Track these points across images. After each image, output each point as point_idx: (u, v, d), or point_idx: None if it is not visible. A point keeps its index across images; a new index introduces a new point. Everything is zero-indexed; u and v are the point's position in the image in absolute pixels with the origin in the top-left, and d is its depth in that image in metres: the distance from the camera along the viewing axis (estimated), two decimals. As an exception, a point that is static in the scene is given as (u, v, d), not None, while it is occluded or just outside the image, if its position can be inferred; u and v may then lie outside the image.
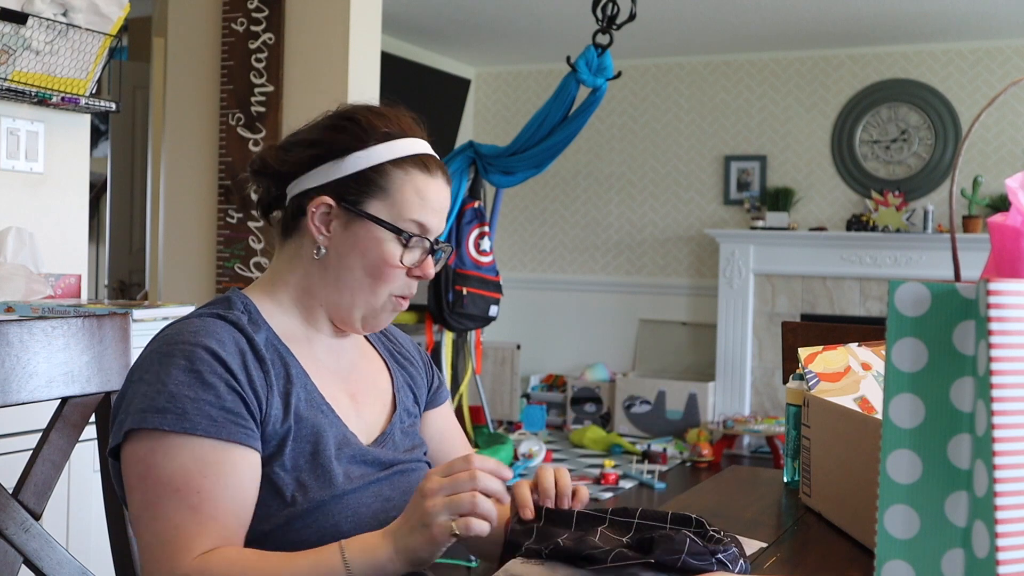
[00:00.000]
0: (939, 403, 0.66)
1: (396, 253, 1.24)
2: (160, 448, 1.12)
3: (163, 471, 1.11)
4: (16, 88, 2.40)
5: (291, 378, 1.21)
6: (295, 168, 1.27)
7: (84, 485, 2.11)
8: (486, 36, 6.14)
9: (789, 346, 1.87)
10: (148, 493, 1.12)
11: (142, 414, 1.13)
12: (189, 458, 1.11)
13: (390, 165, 1.24)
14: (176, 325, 1.21)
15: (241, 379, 1.16)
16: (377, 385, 1.35)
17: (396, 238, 1.24)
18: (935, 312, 0.67)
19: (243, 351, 1.18)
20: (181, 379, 1.13)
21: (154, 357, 1.17)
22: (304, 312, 1.28)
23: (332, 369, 1.29)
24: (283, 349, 1.23)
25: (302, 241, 1.27)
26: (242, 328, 1.20)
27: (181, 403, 1.12)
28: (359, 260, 1.24)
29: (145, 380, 1.15)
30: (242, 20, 3.72)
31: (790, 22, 5.58)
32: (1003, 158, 5.82)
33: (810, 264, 6.07)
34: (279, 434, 1.18)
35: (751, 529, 1.33)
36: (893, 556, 0.67)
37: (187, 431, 1.11)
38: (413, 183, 1.24)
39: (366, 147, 1.24)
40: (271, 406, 1.18)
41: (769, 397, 6.18)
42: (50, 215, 2.66)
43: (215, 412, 1.13)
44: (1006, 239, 0.83)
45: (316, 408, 1.22)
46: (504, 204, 6.82)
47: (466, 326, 4.90)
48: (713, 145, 6.52)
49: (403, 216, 1.24)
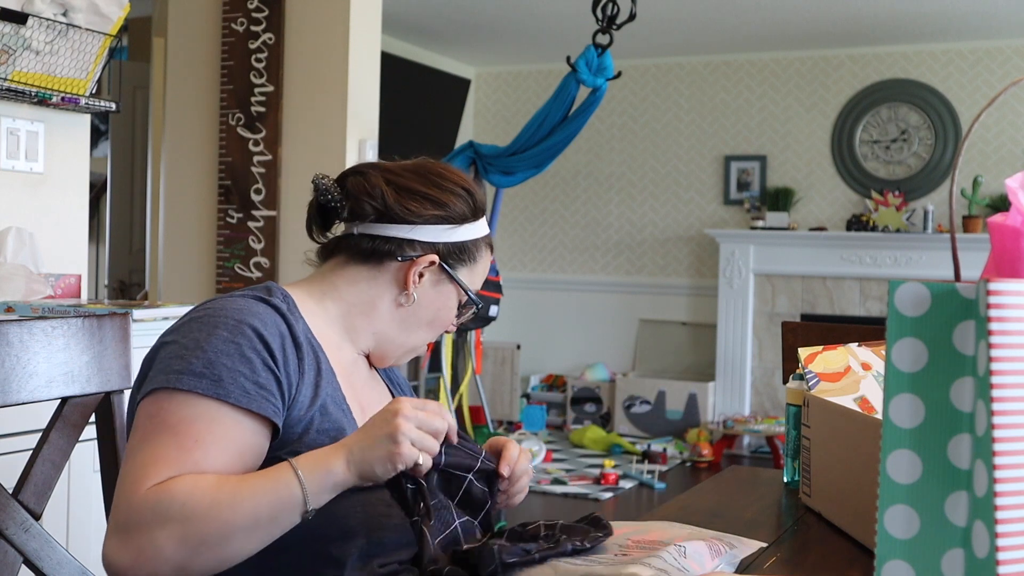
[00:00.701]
0: (939, 403, 0.66)
1: (456, 314, 1.40)
2: (183, 401, 1.13)
3: (172, 415, 1.13)
4: (16, 88, 2.40)
5: (322, 372, 1.26)
6: (415, 219, 1.34)
7: (84, 485, 2.11)
8: (486, 36, 6.14)
9: (789, 346, 1.87)
10: (149, 431, 1.13)
11: (178, 375, 1.14)
12: (204, 413, 1.13)
13: (482, 241, 1.40)
14: (220, 300, 1.25)
15: (279, 359, 1.19)
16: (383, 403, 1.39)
17: (465, 304, 1.39)
18: (935, 312, 0.67)
19: (283, 335, 1.22)
20: (221, 348, 1.16)
21: (195, 325, 1.20)
22: (347, 328, 1.35)
23: (351, 381, 1.34)
24: (316, 345, 1.28)
25: (382, 276, 1.34)
26: (283, 314, 1.24)
27: (218, 370, 1.14)
28: (432, 313, 1.37)
29: (182, 344, 1.17)
30: (242, 20, 3.72)
31: (790, 22, 5.58)
32: (1003, 158, 5.82)
33: (810, 264, 6.07)
34: (304, 420, 1.20)
35: (751, 529, 1.33)
36: (893, 556, 0.67)
37: (219, 397, 1.13)
38: (485, 261, 1.41)
39: (475, 220, 1.39)
40: (300, 392, 1.21)
41: (769, 397, 6.19)
42: (50, 215, 2.66)
43: (248, 385, 1.15)
44: (1006, 239, 0.83)
45: (339, 406, 1.26)
46: (504, 204, 6.82)
47: (466, 326, 4.90)
48: (713, 145, 6.52)
49: (475, 286, 1.40)
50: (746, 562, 1.17)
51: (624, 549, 1.11)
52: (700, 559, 1.10)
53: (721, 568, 1.12)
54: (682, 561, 1.07)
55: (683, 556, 1.08)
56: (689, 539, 1.14)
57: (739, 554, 1.17)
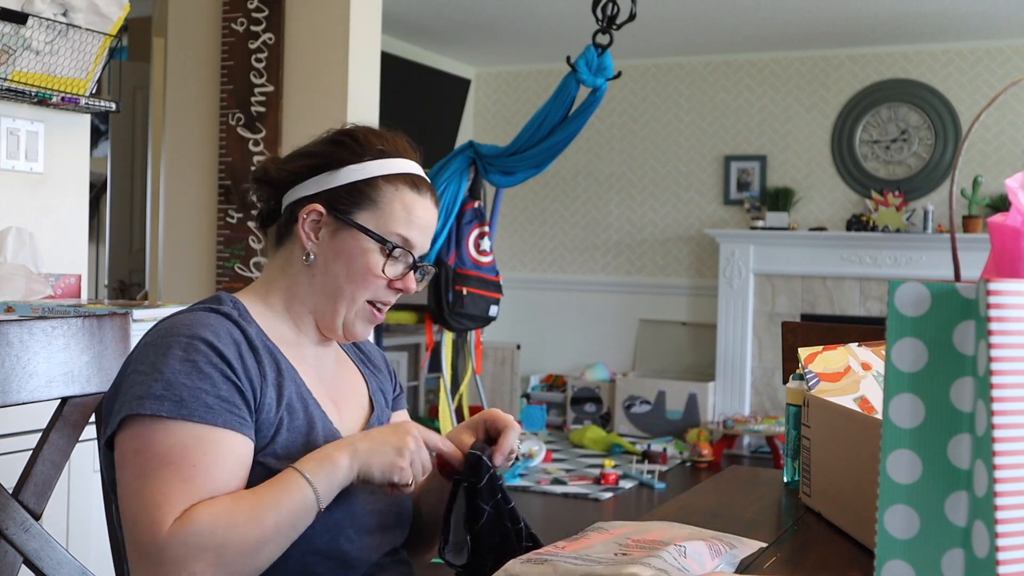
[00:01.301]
0: (939, 403, 0.66)
1: (379, 263, 1.29)
2: (159, 428, 1.14)
3: (160, 446, 1.14)
4: (16, 88, 2.40)
5: (282, 372, 1.26)
6: (292, 177, 1.33)
7: (84, 485, 2.11)
8: (486, 36, 6.14)
9: (789, 346, 1.87)
10: (142, 465, 1.14)
11: (139, 400, 1.15)
12: (187, 437, 1.14)
13: (382, 180, 1.30)
14: (169, 320, 1.25)
15: (236, 368, 1.19)
16: (356, 391, 1.40)
17: (380, 248, 1.29)
18: (935, 312, 0.67)
19: (238, 341, 1.22)
20: (178, 368, 1.16)
21: (149, 349, 1.20)
22: (293, 318, 1.33)
23: (317, 375, 1.33)
24: (272, 347, 1.27)
25: (293, 248, 1.32)
26: (235, 320, 1.24)
27: (178, 391, 1.15)
28: (343, 267, 1.29)
29: (140, 371, 1.18)
30: (242, 20, 3.72)
31: (790, 22, 5.58)
32: (1003, 158, 5.82)
33: (810, 264, 6.07)
34: (273, 423, 1.21)
35: (751, 529, 1.33)
36: (893, 556, 0.67)
37: (184, 417, 1.14)
38: (401, 198, 1.31)
39: (361, 161, 1.31)
40: (265, 395, 1.22)
41: (769, 397, 6.19)
42: (50, 215, 2.65)
43: (211, 400, 1.15)
44: (1006, 239, 0.83)
45: (305, 402, 1.27)
46: (504, 204, 6.82)
47: (466, 326, 4.90)
48: (713, 145, 6.52)
49: (389, 229, 1.29)
50: (746, 562, 1.17)
51: (624, 549, 1.11)
52: (700, 559, 1.10)
53: (721, 568, 1.12)
54: (682, 561, 1.07)
55: (683, 556, 1.08)
56: (689, 539, 1.14)
57: (739, 554, 1.17)
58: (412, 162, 1.35)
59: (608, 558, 1.08)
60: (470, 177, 4.86)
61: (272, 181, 1.34)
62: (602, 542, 1.15)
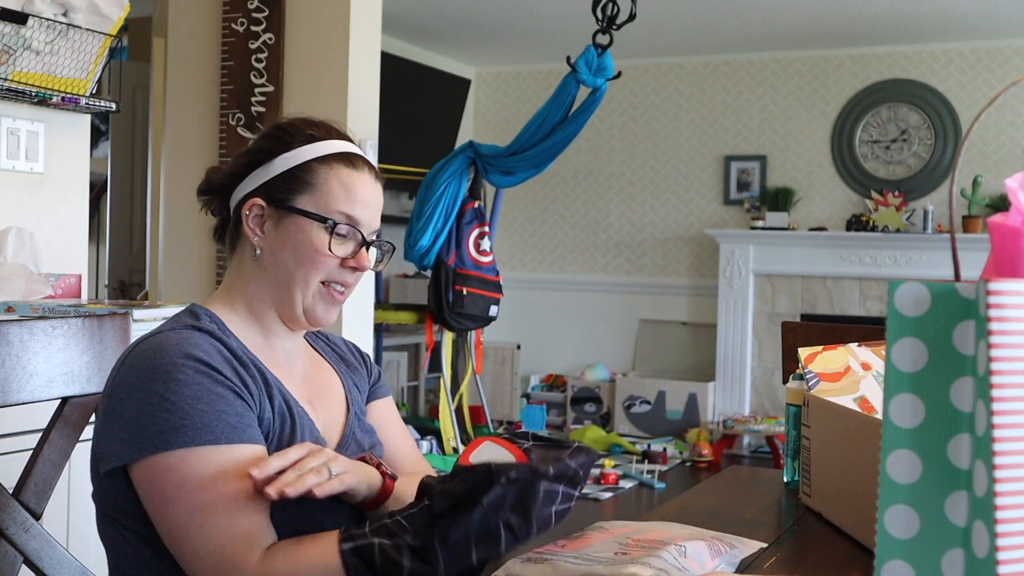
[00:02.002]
0: (939, 403, 0.66)
1: (324, 241, 1.28)
2: (192, 459, 1.13)
3: (203, 477, 1.13)
4: (16, 88, 2.40)
5: (268, 382, 1.26)
6: (231, 179, 1.33)
7: (84, 485, 2.10)
8: (486, 36, 6.14)
9: (789, 346, 1.87)
10: (193, 500, 1.12)
11: (156, 437, 1.13)
12: (224, 462, 1.14)
13: (315, 162, 1.30)
14: (151, 341, 1.21)
15: (237, 383, 1.20)
16: (331, 388, 1.39)
17: (323, 227, 1.28)
18: (935, 312, 0.67)
19: (227, 358, 1.22)
20: (187, 393, 1.15)
21: (141, 375, 1.17)
22: (257, 319, 1.32)
23: (291, 376, 1.33)
24: (252, 357, 1.27)
25: (244, 249, 1.32)
26: (218, 337, 1.24)
27: (198, 417, 1.14)
28: (291, 254, 1.28)
29: (140, 400, 1.15)
30: (242, 20, 3.72)
31: (790, 22, 5.58)
32: (1003, 158, 5.82)
33: (810, 264, 6.07)
34: (266, 433, 1.22)
35: (751, 529, 1.33)
36: (893, 556, 0.67)
37: (210, 442, 1.14)
38: (338, 177, 1.30)
39: (291, 148, 1.30)
40: (263, 409, 1.23)
41: (769, 397, 6.18)
42: (50, 215, 2.65)
43: (233, 420, 1.16)
44: (1006, 239, 0.83)
45: (291, 408, 1.27)
46: (504, 204, 6.82)
47: (466, 326, 4.90)
48: (713, 145, 6.52)
49: (329, 208, 1.28)
50: (746, 562, 1.17)
51: (624, 548, 1.11)
52: (700, 559, 1.10)
53: (721, 568, 1.12)
54: (682, 561, 1.07)
55: (683, 556, 1.08)
56: (689, 539, 1.14)
57: (739, 554, 1.17)
58: (345, 142, 1.34)
59: (608, 557, 1.08)
60: (470, 177, 4.86)
61: (215, 189, 1.34)
62: (602, 541, 1.15)
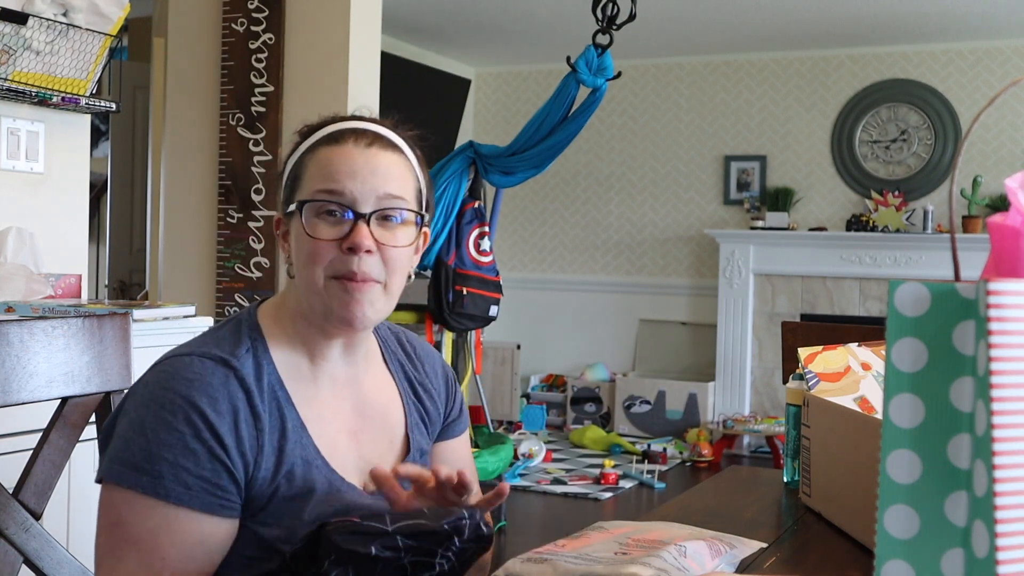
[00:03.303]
0: (939, 403, 0.66)
1: (313, 227, 1.17)
2: (136, 505, 1.10)
3: (132, 528, 1.10)
4: (16, 88, 2.40)
5: (286, 432, 1.17)
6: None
7: (84, 485, 2.11)
8: (486, 36, 6.14)
9: (789, 346, 1.87)
10: (115, 544, 1.11)
11: (120, 466, 1.11)
12: (161, 522, 1.10)
13: (304, 156, 1.22)
14: (178, 361, 1.16)
15: (228, 444, 1.12)
16: (388, 421, 1.29)
17: (299, 215, 1.18)
18: (935, 312, 0.67)
19: (236, 408, 1.14)
20: (163, 437, 1.10)
21: (147, 396, 1.14)
22: (304, 343, 1.23)
23: (333, 408, 1.23)
24: (283, 397, 1.18)
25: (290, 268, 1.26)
26: (242, 378, 1.15)
27: (158, 464, 1.09)
28: (298, 257, 1.20)
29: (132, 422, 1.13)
30: (242, 20, 3.72)
31: (790, 22, 5.58)
32: (1003, 158, 5.82)
33: (810, 264, 6.07)
34: (267, 493, 1.15)
35: (751, 529, 1.33)
36: (893, 556, 0.67)
37: (159, 496, 1.09)
38: (316, 159, 1.20)
39: (292, 154, 1.24)
40: (259, 468, 1.14)
41: (769, 397, 6.18)
42: (50, 215, 2.65)
43: (191, 480, 1.10)
44: (1006, 239, 0.83)
45: (310, 462, 1.18)
46: (504, 204, 6.82)
47: (466, 326, 4.90)
48: (713, 145, 6.52)
49: (309, 192, 1.18)
50: (746, 562, 1.17)
51: (624, 548, 1.11)
52: (700, 559, 1.10)
53: (721, 568, 1.12)
54: (682, 561, 1.07)
55: (683, 556, 1.08)
56: (689, 539, 1.14)
57: (739, 554, 1.17)
58: (339, 123, 1.23)
59: (608, 557, 1.08)
60: (470, 177, 4.86)
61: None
62: (602, 541, 1.15)
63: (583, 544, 1.15)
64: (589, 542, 1.15)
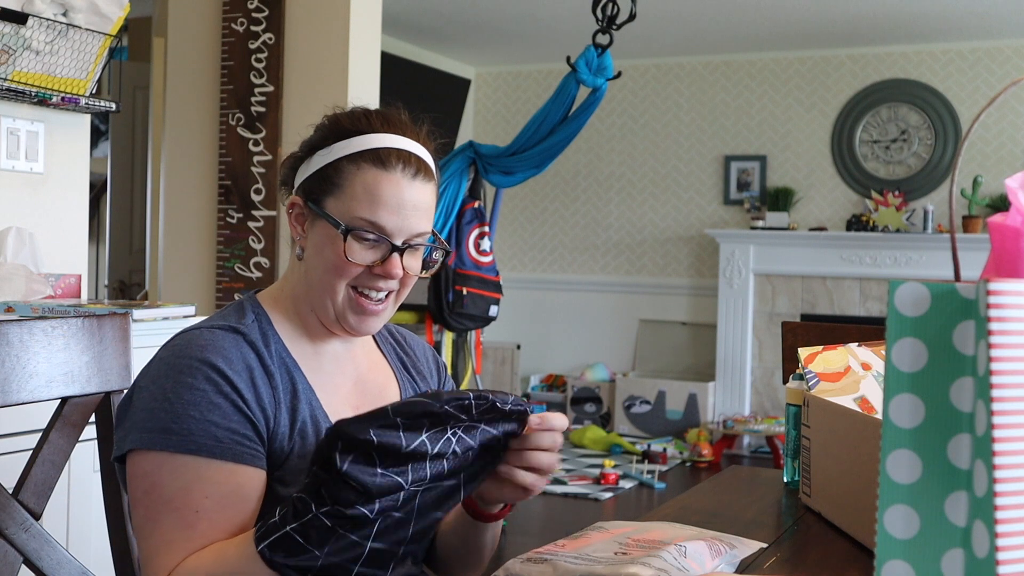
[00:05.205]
0: (939, 403, 0.66)
1: (343, 248, 1.20)
2: (166, 466, 1.13)
3: (166, 489, 1.13)
4: (16, 88, 2.40)
5: (297, 393, 1.22)
6: (289, 172, 1.30)
7: (84, 485, 2.11)
8: (486, 36, 6.14)
9: (789, 346, 1.87)
10: (150, 508, 1.14)
11: (148, 433, 1.13)
12: (193, 477, 1.13)
13: (344, 161, 1.22)
14: (188, 335, 1.21)
15: (248, 398, 1.16)
16: (384, 397, 1.33)
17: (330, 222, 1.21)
18: (935, 312, 0.67)
19: (251, 367, 1.18)
20: (187, 398, 1.14)
21: (163, 368, 1.17)
22: (302, 319, 1.27)
23: (336, 382, 1.28)
24: (291, 363, 1.23)
25: (293, 246, 1.29)
26: (252, 342, 1.20)
27: (186, 423, 1.13)
28: (319, 258, 1.23)
29: (152, 393, 1.16)
30: (242, 20, 3.72)
31: (790, 22, 5.58)
32: (1003, 158, 5.82)
33: (810, 264, 6.07)
34: (285, 450, 1.19)
35: (751, 529, 1.33)
36: (893, 556, 0.67)
37: (191, 452, 1.12)
38: (363, 179, 1.21)
39: (327, 145, 1.24)
40: (279, 423, 1.19)
41: (769, 397, 6.18)
42: (50, 215, 2.65)
43: (220, 432, 1.13)
44: (1006, 239, 0.83)
45: (319, 425, 1.22)
46: (504, 204, 6.82)
47: (466, 326, 4.90)
48: (713, 145, 6.52)
49: (351, 213, 1.20)
50: (746, 562, 1.17)
51: (624, 548, 1.11)
52: (700, 559, 1.10)
53: (721, 568, 1.12)
54: (682, 561, 1.07)
55: (683, 556, 1.08)
56: (689, 539, 1.14)
57: (739, 554, 1.17)
58: (386, 135, 1.24)
59: (608, 557, 1.08)
60: (470, 177, 4.86)
61: (283, 180, 1.32)
62: (602, 541, 1.15)
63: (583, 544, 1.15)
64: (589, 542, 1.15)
